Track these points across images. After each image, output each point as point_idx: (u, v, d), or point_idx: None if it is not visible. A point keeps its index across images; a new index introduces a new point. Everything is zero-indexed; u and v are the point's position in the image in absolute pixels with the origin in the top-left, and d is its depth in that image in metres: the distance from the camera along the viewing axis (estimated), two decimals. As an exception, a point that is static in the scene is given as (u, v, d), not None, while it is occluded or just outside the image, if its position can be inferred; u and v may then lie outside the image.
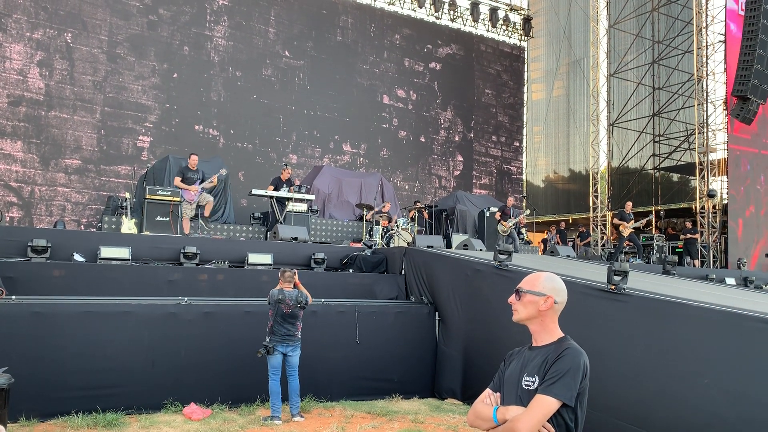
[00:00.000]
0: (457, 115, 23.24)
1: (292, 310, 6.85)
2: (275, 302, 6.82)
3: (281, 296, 6.82)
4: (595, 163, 22.02)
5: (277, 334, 6.80)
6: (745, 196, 18.56)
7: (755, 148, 18.84)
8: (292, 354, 6.90)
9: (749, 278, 13.66)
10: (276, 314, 6.82)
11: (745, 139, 18.53)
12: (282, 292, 6.87)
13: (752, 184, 18.74)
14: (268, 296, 6.92)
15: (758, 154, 18.89)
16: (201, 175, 11.28)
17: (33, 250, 8.02)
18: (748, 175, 18.65)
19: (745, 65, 15.97)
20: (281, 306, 6.79)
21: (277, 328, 6.81)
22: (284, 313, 6.80)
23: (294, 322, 6.88)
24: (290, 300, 6.83)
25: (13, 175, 15.19)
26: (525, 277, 2.47)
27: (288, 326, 6.83)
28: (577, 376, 2.21)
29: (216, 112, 18.24)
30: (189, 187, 10.99)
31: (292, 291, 6.94)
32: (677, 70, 21.58)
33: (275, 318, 6.83)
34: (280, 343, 6.80)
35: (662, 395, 5.52)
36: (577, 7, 24.31)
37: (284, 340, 6.82)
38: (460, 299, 8.37)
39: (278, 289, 6.91)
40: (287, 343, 6.83)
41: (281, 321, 6.81)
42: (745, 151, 18.60)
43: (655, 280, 8.83)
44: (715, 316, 5.61)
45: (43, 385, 6.44)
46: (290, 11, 19.77)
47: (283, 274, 7.05)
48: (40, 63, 15.76)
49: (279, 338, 6.80)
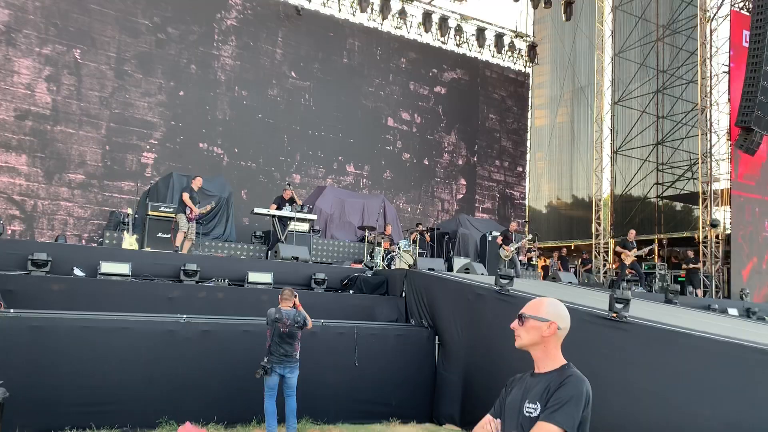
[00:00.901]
0: (461, 139, 23.33)
1: (290, 329, 6.69)
2: (272, 321, 6.69)
3: (278, 315, 6.70)
4: (598, 191, 22.05)
5: (274, 354, 6.65)
6: (749, 245, 18.56)
7: (759, 194, 18.92)
8: (290, 375, 6.75)
9: (752, 309, 13.57)
10: (273, 334, 6.68)
11: (749, 185, 18.64)
12: (279, 311, 6.75)
13: (755, 232, 18.73)
14: (266, 315, 6.81)
15: (762, 200, 18.96)
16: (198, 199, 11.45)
17: (33, 264, 8.00)
18: (750, 223, 18.66)
19: (748, 96, 16.02)
20: (278, 325, 6.66)
21: (275, 348, 6.66)
22: (281, 332, 6.66)
23: (292, 342, 6.73)
24: (287, 319, 6.69)
25: (17, 188, 15.22)
26: (528, 303, 2.45)
27: (286, 346, 6.68)
28: (580, 404, 2.18)
29: (221, 131, 18.33)
30: (194, 207, 11.04)
31: (290, 310, 6.80)
32: (681, 100, 21.68)
33: (273, 338, 6.68)
34: (278, 364, 6.65)
35: (663, 425, 5.45)
36: (582, 36, 24.51)
37: (282, 360, 6.66)
38: (460, 323, 8.31)
39: (276, 308, 6.80)
40: (285, 364, 6.68)
41: (279, 341, 6.67)
42: (749, 198, 18.67)
43: (657, 309, 8.78)
44: (717, 347, 5.56)
45: (38, 400, 6.38)
46: (298, 33, 19.96)
47: (283, 293, 6.96)
48: (48, 78, 15.88)
49: (276, 358, 6.65)
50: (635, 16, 23.15)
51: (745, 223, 18.60)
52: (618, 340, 6.20)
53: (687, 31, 21.41)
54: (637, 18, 23.12)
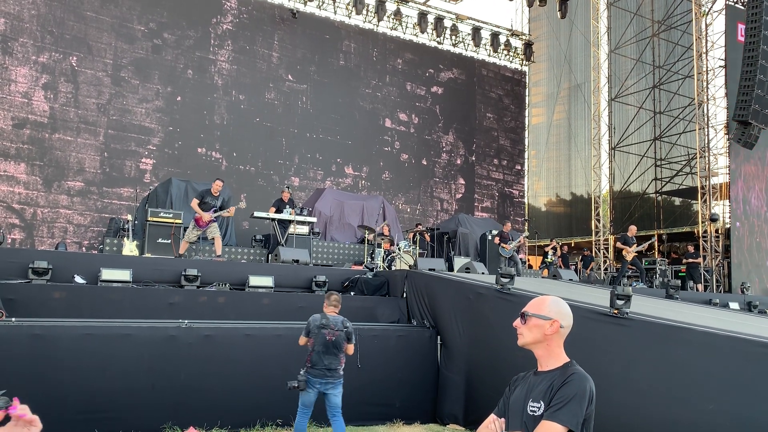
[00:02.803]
0: (459, 139, 23.33)
1: (337, 337, 5.92)
2: (317, 328, 5.91)
3: (325, 321, 5.94)
4: (597, 187, 22.06)
5: (316, 367, 5.86)
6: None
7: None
8: (334, 392, 5.97)
9: (753, 303, 13.57)
10: (317, 343, 5.88)
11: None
12: (326, 316, 6.00)
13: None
14: (308, 324, 6.05)
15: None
16: (221, 202, 10.90)
17: (34, 272, 7.99)
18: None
19: (745, 90, 16.03)
20: (324, 333, 5.88)
21: (317, 359, 5.87)
22: (327, 341, 5.87)
23: (337, 353, 5.96)
24: (335, 326, 5.93)
25: (16, 196, 15.22)
26: (530, 301, 2.45)
27: (330, 358, 5.90)
28: (583, 402, 2.18)
29: (219, 135, 18.33)
30: (203, 213, 10.66)
31: (337, 317, 6.06)
32: (678, 95, 21.71)
33: (316, 347, 5.89)
34: (319, 378, 5.86)
35: (667, 420, 5.45)
36: (578, 33, 24.53)
37: (324, 374, 5.87)
38: (462, 323, 8.31)
39: (320, 314, 6.05)
40: (327, 379, 5.89)
41: (323, 351, 5.87)
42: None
43: (658, 305, 8.78)
44: (719, 341, 5.57)
45: (41, 408, 6.33)
46: (294, 36, 19.97)
47: (329, 297, 6.21)
48: (45, 86, 15.89)
49: (319, 372, 5.86)
50: (630, 12, 23.19)
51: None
52: (619, 337, 6.21)
53: (682, 26, 21.45)
54: (632, 14, 23.16)
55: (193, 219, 10.76)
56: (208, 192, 10.90)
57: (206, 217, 10.71)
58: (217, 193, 10.91)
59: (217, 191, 10.91)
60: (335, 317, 6.03)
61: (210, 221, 10.76)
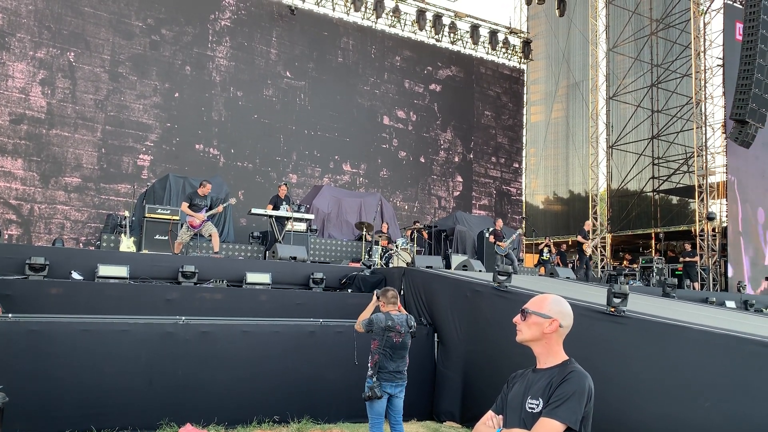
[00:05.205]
0: (457, 136, 23.33)
1: (403, 338, 5.62)
2: (383, 330, 5.56)
3: (390, 322, 5.58)
4: (595, 185, 22.09)
5: (385, 371, 5.53)
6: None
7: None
8: (400, 395, 5.63)
9: (749, 301, 13.61)
10: (384, 345, 5.55)
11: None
12: (390, 316, 5.64)
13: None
14: (371, 323, 5.67)
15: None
16: (209, 202, 10.94)
17: (31, 268, 7.98)
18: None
19: (743, 89, 16.06)
20: (391, 335, 5.55)
21: (386, 362, 5.53)
22: (394, 343, 5.55)
23: (404, 354, 5.65)
24: (401, 326, 5.61)
25: (13, 192, 15.18)
26: (532, 298, 2.46)
27: (399, 361, 5.59)
28: (582, 400, 2.19)
29: (217, 132, 18.30)
30: (195, 214, 10.66)
31: (400, 315, 5.73)
32: (676, 94, 21.73)
33: (383, 350, 5.55)
34: (388, 382, 5.53)
35: (663, 418, 5.47)
36: (576, 31, 24.54)
37: (394, 378, 5.56)
38: (459, 320, 8.32)
39: (385, 314, 5.69)
40: (397, 381, 5.58)
41: (391, 353, 5.55)
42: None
43: (655, 303, 8.80)
44: (716, 340, 5.58)
45: (38, 404, 6.37)
46: (292, 32, 19.94)
47: (386, 294, 5.84)
48: (43, 82, 15.84)
49: (389, 376, 5.54)
50: (629, 10, 23.21)
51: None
52: (616, 335, 6.22)
53: (681, 25, 21.47)
54: (630, 12, 23.18)
55: (185, 222, 10.75)
56: (195, 194, 10.89)
57: (199, 218, 10.73)
58: (204, 195, 10.93)
59: (205, 194, 10.92)
60: (399, 316, 5.71)
61: (203, 221, 10.80)
